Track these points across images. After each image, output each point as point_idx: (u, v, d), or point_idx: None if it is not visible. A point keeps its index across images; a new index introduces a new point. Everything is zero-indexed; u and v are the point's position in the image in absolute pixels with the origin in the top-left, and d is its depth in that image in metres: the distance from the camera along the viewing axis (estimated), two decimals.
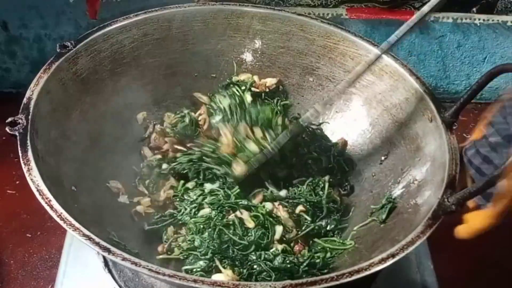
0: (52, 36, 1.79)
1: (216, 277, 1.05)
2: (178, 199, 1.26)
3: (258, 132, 1.32)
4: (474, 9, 1.85)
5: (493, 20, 1.87)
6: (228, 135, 1.29)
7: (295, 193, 1.26)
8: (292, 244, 1.17)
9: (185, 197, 1.25)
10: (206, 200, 1.22)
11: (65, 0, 1.71)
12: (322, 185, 1.28)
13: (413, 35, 1.85)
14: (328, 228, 1.22)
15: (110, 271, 1.24)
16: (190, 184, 1.28)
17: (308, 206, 1.23)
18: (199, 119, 1.42)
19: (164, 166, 1.32)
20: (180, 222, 1.22)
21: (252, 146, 1.27)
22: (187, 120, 1.40)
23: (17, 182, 1.64)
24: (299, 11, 1.45)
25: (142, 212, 1.24)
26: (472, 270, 1.55)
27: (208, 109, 1.43)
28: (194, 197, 1.24)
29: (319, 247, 1.17)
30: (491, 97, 2.06)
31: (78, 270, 1.27)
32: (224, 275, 1.05)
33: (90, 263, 1.26)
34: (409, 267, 1.31)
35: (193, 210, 1.21)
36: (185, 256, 1.15)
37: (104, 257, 1.25)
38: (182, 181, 1.29)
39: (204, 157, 1.29)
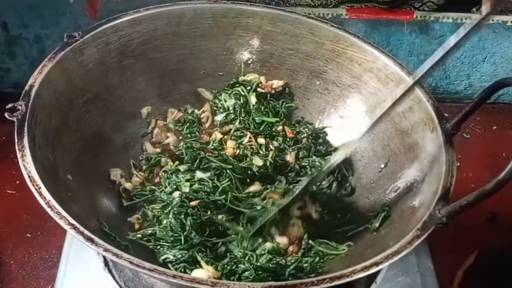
0: (52, 36, 1.79)
1: (196, 273, 1.05)
2: (166, 176, 1.27)
3: (261, 141, 1.33)
4: (474, 9, 1.82)
5: (493, 20, 1.84)
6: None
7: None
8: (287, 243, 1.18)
9: (173, 176, 1.26)
10: (194, 187, 1.22)
11: (65, 0, 1.72)
12: (327, 184, 1.29)
13: (413, 35, 1.82)
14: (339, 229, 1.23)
15: (110, 271, 1.24)
16: (182, 167, 1.28)
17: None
18: (202, 116, 1.43)
19: (163, 160, 1.33)
20: (159, 199, 1.23)
21: (258, 161, 1.30)
22: (191, 117, 1.42)
23: (17, 182, 1.65)
24: (299, 11, 1.44)
25: (130, 188, 1.25)
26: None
27: (211, 107, 1.44)
28: (181, 179, 1.24)
29: (312, 252, 1.17)
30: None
31: (78, 270, 1.28)
32: (205, 271, 1.05)
33: (90, 263, 1.26)
34: (409, 267, 1.30)
35: (171, 190, 1.23)
36: (154, 246, 1.15)
37: (104, 257, 1.24)
38: (177, 162, 1.30)
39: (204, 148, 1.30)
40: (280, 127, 1.40)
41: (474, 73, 1.95)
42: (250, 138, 1.36)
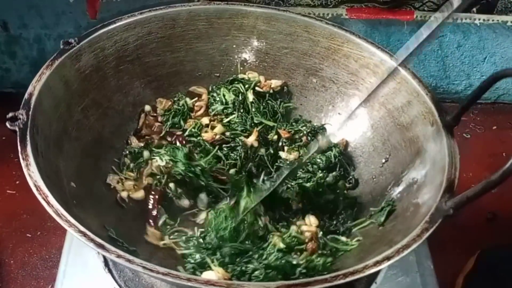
0: (52, 36, 1.79)
1: (206, 275, 1.05)
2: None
3: (255, 143, 1.35)
4: (474, 9, 1.84)
5: (493, 20, 1.86)
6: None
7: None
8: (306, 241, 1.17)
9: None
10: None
11: (65, 0, 1.71)
12: (334, 180, 1.29)
13: (413, 35, 1.84)
14: (346, 225, 1.23)
15: (110, 271, 1.24)
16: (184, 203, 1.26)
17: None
18: (196, 104, 1.43)
19: (146, 153, 1.31)
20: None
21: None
22: (177, 107, 1.41)
23: (17, 182, 1.64)
24: (299, 11, 1.44)
25: (126, 198, 1.23)
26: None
27: (209, 99, 1.44)
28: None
29: (327, 249, 1.16)
30: (490, 97, 2.06)
31: (78, 270, 1.27)
32: (215, 273, 1.05)
33: (90, 263, 1.26)
34: (409, 267, 1.31)
35: None
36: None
37: (104, 257, 1.25)
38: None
39: (191, 156, 1.29)
40: (275, 137, 1.39)
41: (474, 73, 1.97)
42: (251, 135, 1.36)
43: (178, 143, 1.34)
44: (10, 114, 1.03)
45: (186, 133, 1.37)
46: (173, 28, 1.39)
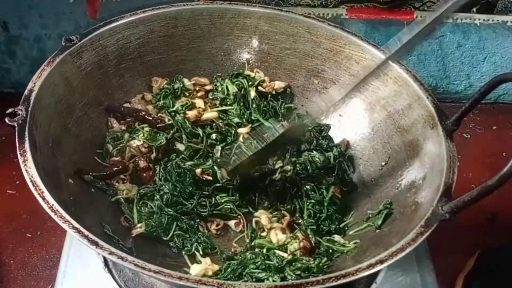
0: (52, 36, 1.79)
1: (194, 268, 1.07)
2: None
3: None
4: (474, 9, 1.83)
5: (493, 20, 1.85)
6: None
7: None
8: (299, 240, 1.17)
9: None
10: None
11: (65, 0, 1.72)
12: (326, 185, 1.28)
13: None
14: (331, 227, 1.22)
15: (110, 271, 1.24)
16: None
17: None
18: (195, 84, 1.44)
19: (126, 136, 1.30)
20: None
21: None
22: (170, 88, 1.41)
23: (17, 182, 1.64)
24: (299, 11, 1.44)
25: (123, 201, 1.23)
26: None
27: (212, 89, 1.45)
28: None
29: (322, 249, 1.16)
30: (490, 97, 2.04)
31: (78, 270, 1.27)
32: (203, 264, 1.07)
33: (90, 263, 1.26)
34: (409, 267, 1.30)
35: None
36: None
37: (104, 257, 1.24)
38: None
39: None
40: None
41: (474, 73, 1.96)
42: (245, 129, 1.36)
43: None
44: (9, 110, 1.04)
45: (173, 108, 1.36)
46: (175, 27, 1.40)
